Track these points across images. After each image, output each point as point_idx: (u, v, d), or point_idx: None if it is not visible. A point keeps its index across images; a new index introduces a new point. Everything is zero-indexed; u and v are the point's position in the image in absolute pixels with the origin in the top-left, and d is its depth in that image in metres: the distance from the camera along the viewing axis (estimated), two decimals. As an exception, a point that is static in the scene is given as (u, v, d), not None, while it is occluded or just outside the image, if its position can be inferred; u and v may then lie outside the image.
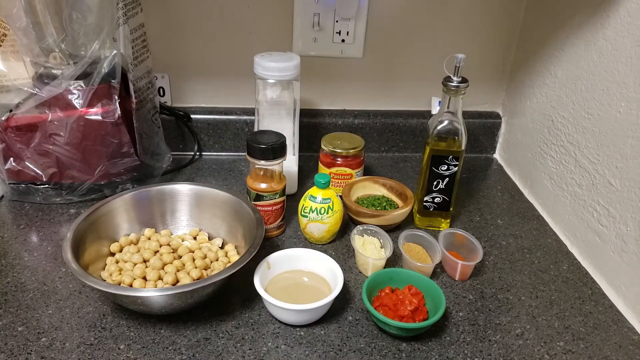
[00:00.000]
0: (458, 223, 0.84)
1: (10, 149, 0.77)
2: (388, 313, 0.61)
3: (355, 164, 0.86)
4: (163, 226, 0.75)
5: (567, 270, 0.75)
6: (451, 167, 0.75)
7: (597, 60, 0.75)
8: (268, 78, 0.77)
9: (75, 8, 0.72)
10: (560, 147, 0.84)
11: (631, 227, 0.67)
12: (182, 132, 0.97)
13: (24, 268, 0.68)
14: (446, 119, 0.73)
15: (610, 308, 0.68)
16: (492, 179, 0.99)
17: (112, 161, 0.79)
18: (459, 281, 0.71)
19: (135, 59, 0.78)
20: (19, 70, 0.76)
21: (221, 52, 0.94)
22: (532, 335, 0.63)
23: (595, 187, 0.75)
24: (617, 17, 0.70)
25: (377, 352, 0.59)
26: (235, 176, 0.94)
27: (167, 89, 0.97)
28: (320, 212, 0.73)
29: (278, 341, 0.60)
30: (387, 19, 0.94)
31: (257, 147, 0.70)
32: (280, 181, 0.74)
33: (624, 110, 0.69)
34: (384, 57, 0.98)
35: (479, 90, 1.02)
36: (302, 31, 0.93)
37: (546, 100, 0.88)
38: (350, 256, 0.75)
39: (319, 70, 0.97)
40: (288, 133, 0.80)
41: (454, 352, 0.60)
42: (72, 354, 0.56)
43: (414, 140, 1.04)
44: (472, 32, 0.97)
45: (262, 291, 0.60)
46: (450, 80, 0.71)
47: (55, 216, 0.79)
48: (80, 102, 0.75)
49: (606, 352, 0.61)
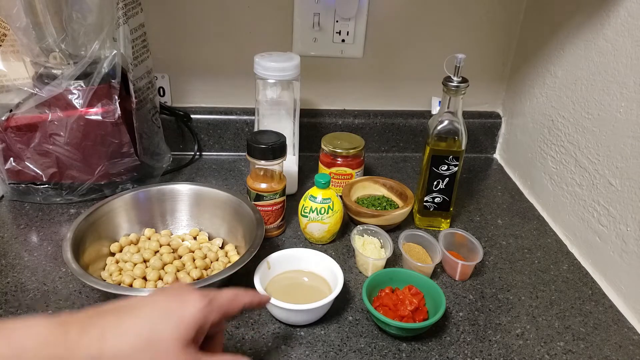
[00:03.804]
0: (458, 223, 0.84)
1: (10, 149, 0.77)
2: (388, 313, 0.61)
3: (355, 164, 0.86)
4: (163, 226, 0.75)
5: (567, 270, 0.75)
6: (451, 167, 0.75)
7: (597, 61, 0.75)
8: (268, 78, 0.77)
9: (75, 8, 0.72)
10: (561, 147, 0.84)
11: (631, 227, 0.67)
12: (182, 132, 0.97)
13: (24, 268, 0.68)
14: (446, 119, 0.73)
15: (610, 308, 0.68)
16: (492, 179, 0.99)
17: (112, 161, 0.79)
18: (459, 281, 0.71)
19: (135, 59, 0.78)
20: (19, 70, 0.76)
21: (221, 52, 0.94)
22: (532, 335, 0.63)
23: (595, 187, 0.75)
24: (617, 17, 0.70)
25: (377, 352, 0.59)
26: (235, 176, 0.94)
27: (167, 89, 0.97)
28: (320, 212, 0.73)
29: (278, 341, 0.60)
30: (387, 19, 0.94)
31: (257, 147, 0.70)
32: (280, 181, 0.74)
33: (624, 110, 0.69)
34: (384, 57, 0.98)
35: (479, 90, 1.02)
36: (302, 31, 0.93)
37: (546, 100, 0.88)
38: (350, 256, 0.75)
39: (319, 70, 0.97)
40: (288, 133, 0.80)
41: (454, 352, 0.60)
42: (72, 354, 0.56)
43: (414, 140, 1.04)
44: (472, 32, 0.97)
45: (262, 291, 0.60)
46: (450, 80, 0.71)
47: (55, 216, 0.79)
48: (80, 102, 0.75)
49: (606, 352, 0.61)
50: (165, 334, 0.40)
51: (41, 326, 0.37)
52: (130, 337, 0.39)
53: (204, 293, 0.44)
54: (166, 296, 0.43)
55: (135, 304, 0.41)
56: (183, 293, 0.44)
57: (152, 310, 0.41)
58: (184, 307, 0.42)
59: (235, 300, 0.47)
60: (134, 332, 0.39)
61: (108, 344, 0.38)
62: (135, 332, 0.39)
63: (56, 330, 0.37)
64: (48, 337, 0.37)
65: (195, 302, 0.43)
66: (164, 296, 0.43)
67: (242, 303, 0.48)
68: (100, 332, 0.38)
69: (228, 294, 0.47)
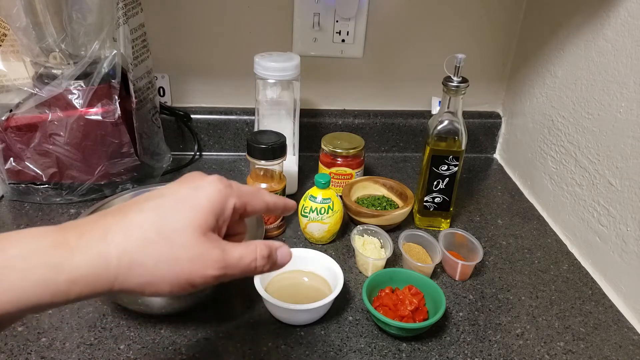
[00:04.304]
0: (458, 223, 0.84)
1: (10, 149, 0.77)
2: (388, 313, 0.61)
3: (355, 164, 0.86)
4: (163, 226, 0.75)
5: (567, 270, 0.75)
6: (451, 167, 0.75)
7: (597, 61, 0.75)
8: (268, 78, 0.77)
9: (75, 8, 0.72)
10: (561, 147, 0.84)
11: (631, 227, 0.67)
12: (182, 132, 0.97)
13: (24, 268, 0.68)
14: (446, 119, 0.73)
15: (610, 308, 0.68)
16: (492, 179, 0.99)
17: (112, 161, 0.79)
18: (459, 281, 0.71)
19: (135, 59, 0.78)
20: (19, 70, 0.76)
21: (221, 52, 0.94)
22: (532, 335, 0.63)
23: (595, 187, 0.75)
24: (617, 17, 0.70)
25: (377, 352, 0.59)
26: (235, 176, 0.94)
27: (167, 89, 0.97)
28: (320, 212, 0.73)
29: (278, 341, 0.60)
30: (387, 19, 0.94)
31: (257, 147, 0.70)
32: (280, 181, 0.74)
33: (624, 110, 0.69)
34: (384, 57, 0.98)
35: (479, 90, 1.02)
36: (302, 31, 0.93)
37: (546, 100, 0.88)
38: (350, 256, 0.75)
39: (319, 70, 0.97)
40: (288, 133, 0.80)
41: (454, 352, 0.60)
42: (72, 354, 0.56)
43: (414, 140, 1.04)
44: (472, 32, 0.97)
45: (262, 291, 0.60)
46: (450, 80, 0.71)
47: (55, 216, 0.79)
48: (80, 102, 0.75)
49: (606, 352, 0.61)
50: (178, 224, 0.35)
51: (36, 234, 0.33)
52: (137, 231, 0.34)
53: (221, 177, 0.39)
54: (176, 186, 0.38)
55: (140, 199, 0.36)
56: (195, 179, 0.38)
57: (161, 201, 0.36)
58: (197, 193, 0.37)
59: (259, 192, 0.42)
60: (141, 226, 0.34)
61: (113, 242, 0.33)
62: (142, 226, 0.34)
63: (52, 236, 0.33)
64: (43, 244, 0.32)
65: (211, 184, 0.37)
66: (173, 187, 0.38)
67: (266, 200, 0.42)
68: (102, 233, 0.33)
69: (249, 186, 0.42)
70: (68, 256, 0.32)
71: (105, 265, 0.32)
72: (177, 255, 0.34)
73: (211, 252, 0.36)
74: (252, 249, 0.38)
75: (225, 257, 0.36)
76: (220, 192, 0.37)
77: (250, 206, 0.40)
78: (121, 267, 0.33)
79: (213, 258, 0.36)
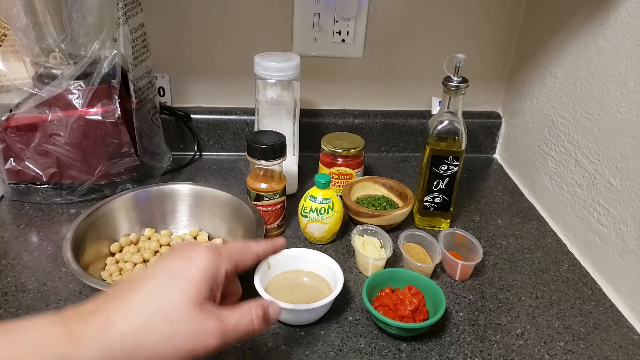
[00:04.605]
0: (458, 223, 0.84)
1: (10, 149, 0.77)
2: (388, 313, 0.61)
3: (355, 164, 0.86)
4: (163, 226, 0.75)
5: (567, 270, 0.75)
6: (451, 167, 0.75)
7: (597, 61, 0.75)
8: (268, 78, 0.77)
9: (75, 8, 0.72)
10: (560, 147, 0.84)
11: (631, 227, 0.67)
12: (182, 132, 0.97)
13: (24, 268, 0.68)
14: (446, 119, 0.73)
15: (610, 308, 0.68)
16: (492, 179, 0.99)
17: (112, 161, 0.79)
18: (459, 281, 0.71)
19: (135, 59, 0.78)
20: (19, 70, 0.76)
21: (221, 52, 0.94)
22: (532, 335, 0.63)
23: (595, 187, 0.75)
24: (617, 17, 0.70)
25: (377, 352, 0.59)
26: (235, 176, 0.94)
27: (167, 89, 0.97)
28: (320, 212, 0.73)
29: (278, 341, 0.60)
30: (387, 19, 0.94)
31: (257, 147, 0.70)
32: (280, 181, 0.74)
33: (624, 110, 0.69)
34: (384, 57, 0.98)
35: (479, 90, 1.02)
36: (302, 31, 0.93)
37: (546, 100, 0.88)
38: (350, 256, 0.75)
39: (319, 70, 0.97)
40: (288, 133, 0.80)
41: (454, 352, 0.60)
42: None
43: (414, 140, 1.04)
44: (472, 32, 0.97)
45: (262, 291, 0.60)
46: (450, 80, 0.71)
47: (55, 216, 0.79)
48: (80, 102, 0.75)
49: (606, 352, 0.61)
50: (173, 299, 0.37)
51: (43, 325, 0.35)
52: (137, 314, 0.36)
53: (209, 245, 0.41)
54: (168, 260, 0.40)
55: (137, 280, 0.39)
56: (185, 251, 0.40)
57: (156, 280, 0.38)
58: (189, 265, 0.39)
59: (247, 249, 0.44)
60: (139, 309, 0.36)
61: (115, 327, 0.35)
62: (140, 308, 0.36)
63: (58, 327, 0.35)
64: (51, 335, 0.35)
65: (200, 255, 0.39)
66: (165, 261, 0.40)
67: (255, 252, 0.44)
68: (104, 321, 0.36)
69: (237, 244, 0.44)
70: (74, 349, 0.34)
71: (109, 352, 0.35)
72: (175, 332, 0.36)
73: (209, 323, 0.38)
74: (247, 312, 0.41)
75: (223, 325, 0.38)
76: (211, 261, 0.39)
77: (241, 263, 0.43)
78: (125, 350, 0.35)
79: (211, 329, 0.38)
